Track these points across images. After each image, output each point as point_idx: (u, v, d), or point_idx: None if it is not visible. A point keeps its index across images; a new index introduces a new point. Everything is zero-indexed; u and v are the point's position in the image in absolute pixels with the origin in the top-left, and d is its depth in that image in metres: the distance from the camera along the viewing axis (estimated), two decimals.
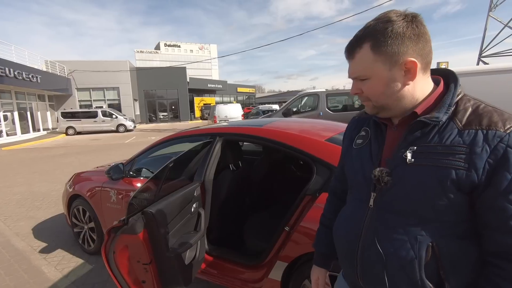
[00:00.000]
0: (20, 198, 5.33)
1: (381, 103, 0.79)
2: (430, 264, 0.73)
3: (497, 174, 0.66)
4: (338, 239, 0.94)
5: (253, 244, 2.24)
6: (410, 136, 0.76)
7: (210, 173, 2.10)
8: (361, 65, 0.77)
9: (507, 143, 0.65)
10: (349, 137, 0.98)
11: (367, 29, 0.76)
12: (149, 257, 1.40)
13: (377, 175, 0.78)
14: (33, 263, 2.97)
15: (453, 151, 0.69)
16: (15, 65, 15.19)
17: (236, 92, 43.90)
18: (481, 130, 0.68)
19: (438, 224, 0.73)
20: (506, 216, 0.66)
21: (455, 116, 0.73)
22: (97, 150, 11.53)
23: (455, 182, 0.69)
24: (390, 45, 0.73)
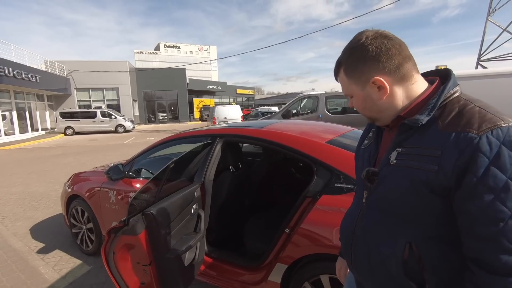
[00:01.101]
0: (18, 198, 5.30)
1: (367, 115, 0.87)
2: (410, 263, 0.74)
3: (464, 177, 0.65)
4: (340, 234, 1.01)
5: (253, 246, 2.23)
6: (398, 137, 0.79)
7: (210, 174, 2.10)
8: (343, 86, 0.86)
9: (477, 146, 0.63)
10: (362, 138, 1.03)
11: (342, 54, 0.84)
12: (149, 258, 1.39)
13: (365, 175, 0.84)
14: (31, 263, 2.95)
15: (428, 153, 0.70)
16: (14, 64, 15.17)
17: (235, 93, 43.94)
18: (455, 132, 0.67)
19: (418, 226, 0.74)
20: (472, 221, 0.65)
21: (439, 118, 0.72)
22: (95, 151, 11.49)
23: (426, 184, 0.69)
24: (356, 69, 0.80)
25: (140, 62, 78.62)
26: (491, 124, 0.65)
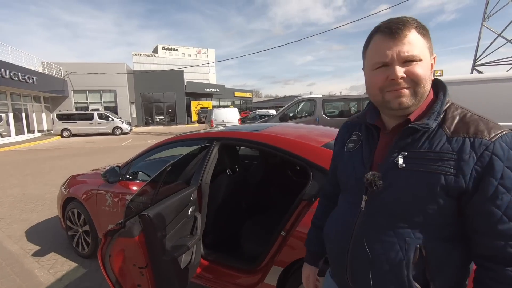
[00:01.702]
0: (14, 200, 5.27)
1: (423, 91, 0.76)
2: (417, 265, 0.75)
3: (483, 180, 0.69)
4: (329, 240, 0.95)
5: (249, 248, 2.24)
6: (401, 141, 0.78)
7: (207, 177, 2.11)
8: (415, 45, 0.74)
9: (492, 151, 0.68)
10: (341, 141, 0.99)
11: (405, 17, 0.76)
12: (145, 260, 1.40)
13: (370, 179, 0.79)
14: (26, 266, 2.94)
15: (442, 157, 0.72)
16: (11, 66, 15.11)
17: (233, 96, 43.98)
18: (468, 138, 0.71)
19: (426, 227, 0.75)
20: (494, 221, 0.69)
21: (444, 124, 0.76)
22: (92, 153, 11.45)
23: (444, 187, 0.71)
24: (428, 37, 0.77)
25: (138, 64, 78.57)
26: (498, 130, 0.71)
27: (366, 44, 0.82)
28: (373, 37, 0.79)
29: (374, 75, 0.78)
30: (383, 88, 0.77)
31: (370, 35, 0.81)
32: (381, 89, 0.78)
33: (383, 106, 0.81)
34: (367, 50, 0.82)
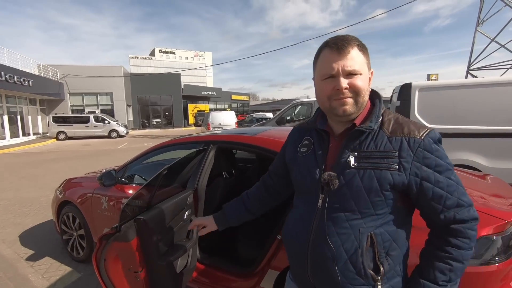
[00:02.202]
0: (7, 204, 5.21)
1: (362, 100, 0.89)
2: (369, 251, 0.86)
3: (424, 171, 0.84)
4: (289, 241, 1.02)
5: (245, 252, 2.23)
6: (350, 143, 0.90)
7: (203, 180, 2.11)
8: (356, 61, 0.87)
9: (423, 146, 0.84)
10: (293, 146, 1.07)
11: (347, 36, 0.89)
12: (140, 265, 1.39)
13: (327, 179, 0.88)
14: (19, 271, 2.90)
15: (387, 155, 0.85)
16: (7, 68, 15.02)
17: (230, 99, 44.03)
18: (404, 137, 0.86)
19: (374, 217, 0.87)
20: (443, 200, 0.84)
21: (383, 126, 0.90)
22: (88, 156, 11.37)
23: (390, 182, 0.84)
24: (367, 53, 0.91)
25: (135, 67, 78.43)
26: (424, 130, 0.86)
27: (316, 57, 0.94)
28: (322, 51, 0.91)
29: (323, 85, 0.90)
30: (330, 96, 0.89)
31: (320, 49, 0.92)
32: (328, 97, 0.90)
33: (330, 112, 0.93)
34: (317, 62, 0.93)
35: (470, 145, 3.77)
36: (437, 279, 0.85)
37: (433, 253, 0.87)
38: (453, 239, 0.84)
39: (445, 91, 3.95)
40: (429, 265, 0.87)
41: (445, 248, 0.85)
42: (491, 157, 3.67)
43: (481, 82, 3.98)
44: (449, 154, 3.65)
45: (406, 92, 4.09)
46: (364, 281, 0.86)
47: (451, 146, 3.83)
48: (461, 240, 0.84)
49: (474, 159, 3.72)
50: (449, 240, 0.85)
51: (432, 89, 4.03)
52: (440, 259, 0.85)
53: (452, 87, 3.95)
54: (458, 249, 0.84)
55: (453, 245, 0.84)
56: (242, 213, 1.26)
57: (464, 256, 0.84)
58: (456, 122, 3.82)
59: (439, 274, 0.85)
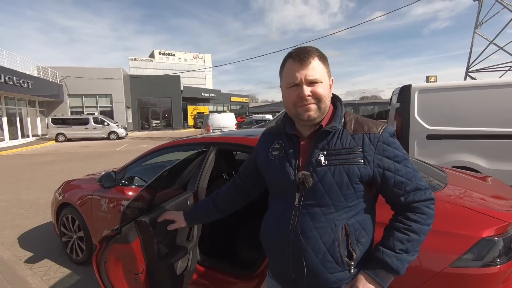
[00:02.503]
0: (6, 206, 5.19)
1: (324, 105, 0.98)
2: (343, 241, 0.95)
3: (385, 162, 0.95)
4: (270, 241, 1.07)
5: (246, 254, 2.23)
6: (319, 143, 0.98)
7: (204, 182, 2.10)
8: (317, 71, 0.95)
9: (382, 140, 0.95)
10: (264, 149, 1.13)
11: (312, 47, 0.98)
12: (140, 267, 1.38)
13: (301, 178, 0.95)
14: (18, 273, 2.88)
15: (352, 151, 0.94)
16: (6, 70, 15.02)
17: (229, 101, 44.08)
18: (365, 134, 0.96)
19: (346, 209, 0.96)
20: (404, 185, 0.95)
21: (346, 125, 0.99)
22: (87, 158, 11.36)
23: (358, 175, 0.93)
24: (327, 63, 1.00)
25: (135, 69, 78.47)
26: (381, 126, 0.98)
27: (282, 67, 1.02)
28: (287, 62, 0.99)
29: (289, 92, 0.99)
30: (296, 103, 0.97)
31: (284, 60, 1.01)
32: (294, 104, 0.98)
33: (296, 117, 1.01)
34: (282, 71, 1.02)
35: (470, 146, 3.77)
36: (395, 247, 0.94)
37: (394, 226, 0.97)
38: (411, 214, 0.95)
39: (445, 92, 3.95)
40: (389, 235, 0.96)
41: (404, 221, 0.96)
42: (491, 159, 3.68)
43: (481, 84, 4.00)
44: (449, 156, 3.64)
45: (406, 94, 4.09)
46: (340, 268, 0.96)
47: (451, 147, 3.83)
48: (418, 215, 0.95)
49: (474, 161, 3.72)
50: (408, 215, 0.96)
51: (431, 91, 4.03)
52: (399, 230, 0.95)
53: (452, 89, 3.96)
54: (415, 223, 0.94)
55: (411, 219, 0.95)
56: (211, 212, 1.33)
57: (421, 229, 0.94)
58: (456, 123, 3.82)
59: (398, 242, 0.94)
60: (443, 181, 1.87)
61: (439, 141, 3.89)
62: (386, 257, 0.94)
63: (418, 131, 3.99)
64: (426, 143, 3.96)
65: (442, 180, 1.88)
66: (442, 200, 1.52)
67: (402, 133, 4.13)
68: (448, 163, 3.69)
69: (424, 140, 3.96)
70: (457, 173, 2.30)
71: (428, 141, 3.95)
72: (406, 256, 0.94)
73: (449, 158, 3.80)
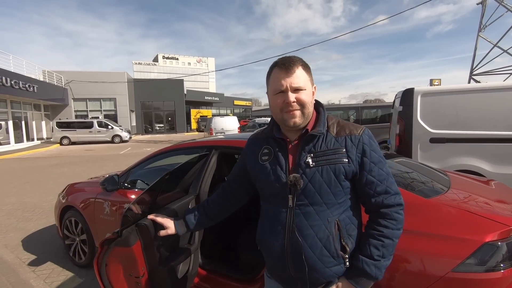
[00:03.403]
0: (11, 209, 5.24)
1: (308, 111, 1.04)
2: (337, 236, 1.02)
3: (362, 161, 1.03)
4: (267, 244, 1.11)
5: (247, 257, 2.22)
6: (306, 146, 1.05)
7: (206, 185, 2.10)
8: (300, 79, 1.03)
9: (362, 141, 1.04)
10: (253, 155, 1.17)
11: (296, 57, 1.05)
12: (141, 270, 1.38)
13: (293, 180, 1.01)
14: (22, 276, 2.90)
15: (337, 152, 1.02)
16: (12, 74, 15.20)
17: (232, 104, 44.17)
18: (346, 136, 1.05)
19: (336, 205, 1.03)
20: (374, 186, 1.03)
21: (329, 129, 1.07)
22: (91, 161, 11.43)
23: (343, 173, 1.01)
24: (310, 72, 1.07)
25: (139, 73, 79.12)
26: (360, 128, 1.07)
27: (268, 75, 1.09)
28: (273, 70, 1.06)
29: (275, 99, 1.05)
30: (282, 108, 1.04)
31: (271, 68, 1.07)
32: (280, 109, 1.04)
33: (282, 123, 1.07)
34: (269, 79, 1.08)
35: (473, 150, 3.74)
36: (373, 254, 1.00)
37: (369, 233, 1.04)
38: (382, 220, 1.03)
39: (448, 96, 3.94)
40: (366, 243, 1.03)
41: (377, 228, 1.03)
42: (494, 163, 3.64)
43: (485, 87, 3.98)
44: (453, 160, 3.61)
45: (409, 97, 4.08)
46: (336, 262, 1.02)
47: (454, 151, 3.80)
48: (388, 221, 1.02)
49: (478, 164, 3.69)
50: (379, 221, 1.03)
51: (434, 94, 4.02)
52: (374, 236, 1.02)
53: (455, 92, 3.95)
54: (386, 228, 1.01)
55: (382, 225, 1.02)
56: (202, 219, 1.34)
57: (393, 234, 1.02)
58: (459, 127, 3.80)
59: (374, 249, 1.01)
60: (446, 184, 1.86)
61: (442, 144, 3.87)
62: (366, 265, 1.00)
63: (421, 134, 3.97)
64: (429, 146, 3.93)
65: (445, 184, 1.87)
66: (445, 204, 1.51)
67: (405, 137, 4.11)
68: (452, 166, 3.66)
69: (427, 144, 3.94)
70: (460, 176, 2.29)
71: (431, 145, 3.92)
72: (383, 261, 1.01)
73: (452, 162, 3.77)
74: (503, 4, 21.33)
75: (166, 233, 1.32)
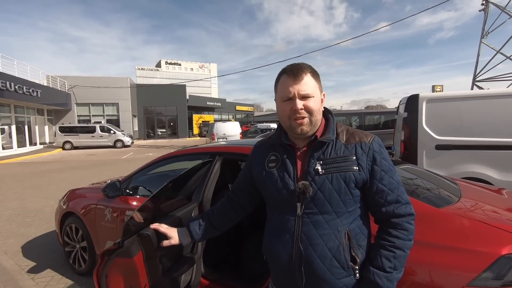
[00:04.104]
0: (12, 214, 5.20)
1: (315, 118, 1.02)
2: (347, 246, 0.99)
3: (373, 169, 1.01)
4: (274, 254, 1.07)
5: (251, 267, 2.16)
6: (315, 153, 1.03)
7: (209, 193, 2.06)
8: (309, 86, 1.00)
9: (372, 149, 1.02)
10: (260, 163, 1.14)
11: (302, 64, 1.03)
12: (143, 282, 1.33)
13: (302, 188, 0.98)
14: (20, 283, 2.85)
15: (347, 159, 1.00)
16: (16, 79, 15.33)
17: (234, 110, 44.28)
18: (356, 143, 1.02)
19: (346, 214, 1.00)
20: (384, 195, 1.00)
21: (339, 136, 1.05)
22: (93, 166, 11.42)
23: (354, 181, 0.98)
24: (319, 79, 1.05)
25: (141, 78, 79.69)
26: (371, 136, 1.05)
27: (276, 82, 1.07)
28: (281, 76, 1.04)
29: (283, 106, 1.03)
30: (290, 116, 1.01)
31: (279, 75, 1.06)
32: (288, 117, 1.02)
33: (290, 130, 1.05)
34: (277, 86, 1.06)
35: (480, 157, 3.68)
36: (384, 266, 0.96)
37: (379, 244, 1.00)
38: (393, 231, 0.99)
39: (454, 102, 3.89)
40: (377, 254, 0.99)
41: (388, 238, 0.99)
42: (502, 170, 3.58)
43: (491, 93, 3.93)
44: (459, 167, 3.55)
45: (414, 103, 4.04)
46: (346, 273, 0.99)
47: (460, 158, 3.74)
48: (400, 231, 0.99)
49: (485, 172, 3.62)
50: (390, 231, 0.99)
51: (440, 100, 3.98)
52: (385, 247, 0.98)
53: (461, 98, 3.90)
54: (398, 239, 0.98)
55: (393, 236, 0.99)
56: (207, 229, 1.29)
57: (405, 245, 0.98)
58: (466, 134, 3.74)
59: (386, 260, 0.97)
60: (456, 193, 1.81)
61: (448, 151, 3.81)
62: (377, 278, 0.96)
63: (426, 141, 3.92)
64: (435, 153, 3.88)
65: (455, 193, 1.82)
66: (457, 214, 1.46)
67: (410, 143, 4.06)
68: (458, 174, 3.59)
69: (433, 151, 3.89)
70: (469, 185, 2.23)
71: (437, 152, 3.87)
72: (395, 274, 0.97)
73: (459, 169, 3.70)
74: (505, 11, 21.36)
75: (169, 244, 1.27)
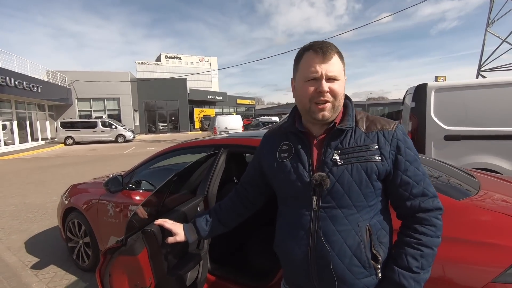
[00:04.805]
0: (14, 210, 5.17)
1: (339, 104, 0.94)
2: (368, 243, 0.90)
3: (397, 159, 0.92)
4: (288, 251, 0.99)
5: (258, 263, 2.10)
6: (332, 142, 0.94)
7: (214, 186, 1.99)
8: (335, 68, 0.91)
9: (396, 137, 0.93)
10: (270, 153, 1.05)
11: (329, 42, 0.93)
12: (148, 280, 1.27)
13: (318, 180, 0.89)
14: (24, 280, 2.81)
15: (368, 149, 0.91)
16: (16, 74, 15.22)
17: (235, 103, 44.09)
18: (378, 131, 0.94)
19: (367, 208, 0.92)
20: (409, 187, 0.91)
21: (358, 124, 0.97)
22: (95, 161, 11.39)
23: (376, 172, 0.90)
24: (343, 61, 0.96)
25: (142, 72, 79.38)
26: (394, 123, 0.96)
27: (298, 59, 0.96)
28: (306, 54, 0.93)
29: (306, 86, 0.93)
30: (312, 98, 0.92)
31: (302, 51, 0.95)
32: (310, 99, 0.92)
33: (308, 114, 0.95)
34: (299, 63, 0.95)
35: (490, 147, 3.58)
36: (411, 265, 0.88)
37: (404, 241, 0.91)
38: (420, 227, 0.90)
39: (464, 91, 3.78)
40: (401, 253, 0.90)
41: (414, 235, 0.90)
42: None
43: (502, 81, 3.80)
44: (468, 157, 3.44)
45: (422, 93, 3.93)
46: (368, 273, 0.91)
47: (470, 148, 3.64)
48: (427, 227, 0.90)
49: (496, 163, 3.53)
50: (416, 227, 0.91)
51: (449, 89, 3.86)
52: (410, 245, 0.89)
53: (471, 87, 3.79)
54: (425, 236, 0.89)
55: (420, 232, 0.90)
56: (215, 226, 1.21)
57: (433, 242, 0.89)
58: (476, 123, 3.64)
59: (412, 259, 0.88)
60: (474, 186, 1.72)
61: (457, 142, 3.71)
62: (403, 279, 0.87)
63: (435, 131, 3.82)
64: (444, 144, 3.78)
65: (473, 185, 1.73)
66: (478, 207, 1.38)
67: (418, 134, 3.96)
68: (468, 165, 3.51)
69: (442, 141, 3.79)
70: (487, 176, 2.14)
71: (445, 142, 3.77)
72: (422, 274, 0.88)
73: (468, 160, 3.61)
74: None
75: (175, 240, 1.19)
